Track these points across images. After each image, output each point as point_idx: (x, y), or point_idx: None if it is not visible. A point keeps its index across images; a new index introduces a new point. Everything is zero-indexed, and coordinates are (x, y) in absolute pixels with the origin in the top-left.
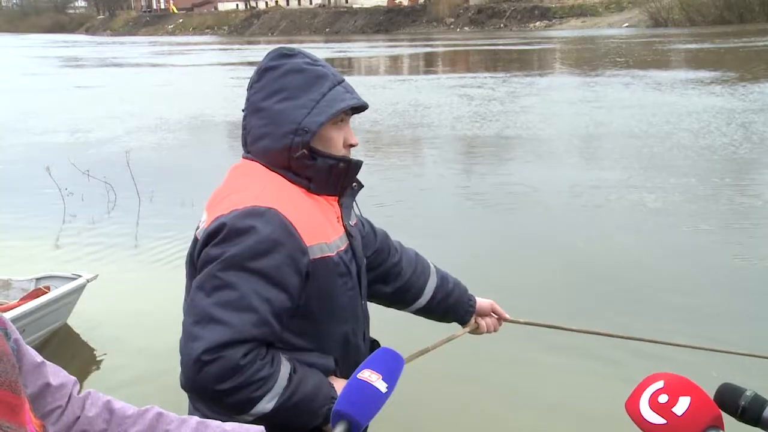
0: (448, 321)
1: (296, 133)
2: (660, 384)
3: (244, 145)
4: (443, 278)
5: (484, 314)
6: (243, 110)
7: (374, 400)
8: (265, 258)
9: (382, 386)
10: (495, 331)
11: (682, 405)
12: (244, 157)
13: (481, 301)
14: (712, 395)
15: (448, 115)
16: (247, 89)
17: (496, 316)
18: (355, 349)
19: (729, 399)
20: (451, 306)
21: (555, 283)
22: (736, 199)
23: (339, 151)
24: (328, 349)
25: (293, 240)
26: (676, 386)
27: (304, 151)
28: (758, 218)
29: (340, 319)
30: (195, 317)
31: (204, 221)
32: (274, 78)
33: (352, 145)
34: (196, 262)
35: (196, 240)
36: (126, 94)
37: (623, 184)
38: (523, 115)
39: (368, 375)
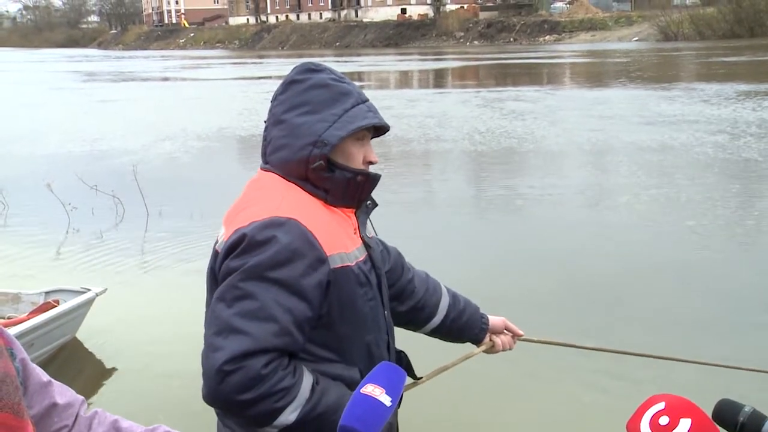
0: (463, 341)
1: (315, 145)
2: (661, 405)
3: (264, 155)
4: (454, 297)
5: (497, 332)
6: (265, 121)
7: (379, 413)
8: (285, 267)
9: (386, 400)
10: (510, 348)
11: (682, 428)
12: (262, 168)
13: (494, 319)
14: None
15: (491, 126)
16: (271, 101)
17: (510, 334)
18: (379, 360)
19: (728, 415)
20: (465, 324)
21: (557, 297)
22: (739, 212)
23: (358, 166)
24: (352, 360)
25: (313, 249)
26: (678, 408)
27: (321, 162)
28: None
29: (362, 329)
30: (216, 328)
31: (223, 234)
32: (298, 92)
33: (371, 163)
34: (217, 275)
35: (216, 253)
36: (148, 108)
37: (634, 197)
38: (560, 128)
39: (371, 389)
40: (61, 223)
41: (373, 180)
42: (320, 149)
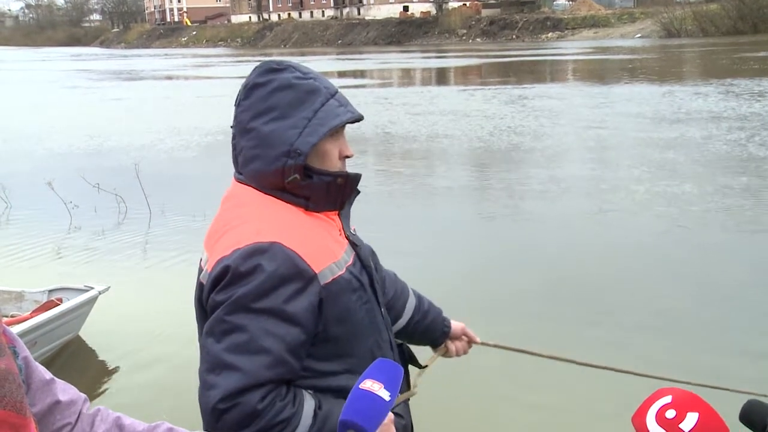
0: (424, 343)
1: (289, 155)
2: (668, 399)
3: (236, 164)
4: (420, 299)
5: (454, 337)
6: (231, 127)
7: (379, 408)
8: (272, 296)
9: (386, 394)
10: (465, 353)
11: (689, 421)
12: (236, 179)
13: (454, 324)
14: (720, 411)
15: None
16: (234, 105)
17: (466, 339)
18: None
19: (756, 416)
20: (428, 327)
21: (552, 293)
22: (736, 211)
23: (335, 164)
24: (357, 368)
25: (300, 272)
26: (685, 402)
27: (296, 176)
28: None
29: (361, 335)
30: (208, 364)
31: (205, 263)
32: (262, 96)
33: (347, 157)
34: (205, 307)
35: (201, 285)
36: (158, 106)
37: (639, 194)
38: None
39: (370, 384)
40: (64, 221)
41: (353, 180)
42: (294, 159)
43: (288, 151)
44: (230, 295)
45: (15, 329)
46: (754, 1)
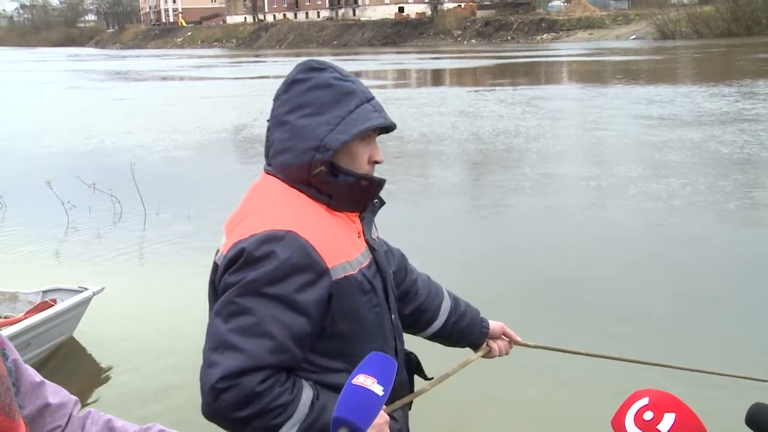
0: (462, 345)
1: (318, 150)
2: (645, 401)
3: (267, 156)
4: (456, 301)
5: (494, 337)
6: (268, 121)
7: (372, 403)
8: (283, 283)
9: (378, 389)
10: (507, 354)
11: (667, 422)
12: (265, 171)
13: (493, 324)
14: (699, 412)
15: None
16: (273, 100)
17: (507, 339)
18: None
19: (762, 419)
20: (465, 328)
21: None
22: (727, 210)
23: (363, 167)
24: None
25: (313, 263)
26: (661, 403)
27: (323, 168)
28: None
29: (367, 338)
30: (212, 343)
31: (223, 246)
32: (300, 92)
33: (376, 162)
34: (217, 289)
35: (216, 266)
36: (158, 107)
37: (625, 194)
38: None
39: (363, 380)
40: (58, 222)
41: (378, 184)
42: (322, 154)
43: (317, 145)
44: (242, 278)
45: (8, 330)
46: (747, 4)
